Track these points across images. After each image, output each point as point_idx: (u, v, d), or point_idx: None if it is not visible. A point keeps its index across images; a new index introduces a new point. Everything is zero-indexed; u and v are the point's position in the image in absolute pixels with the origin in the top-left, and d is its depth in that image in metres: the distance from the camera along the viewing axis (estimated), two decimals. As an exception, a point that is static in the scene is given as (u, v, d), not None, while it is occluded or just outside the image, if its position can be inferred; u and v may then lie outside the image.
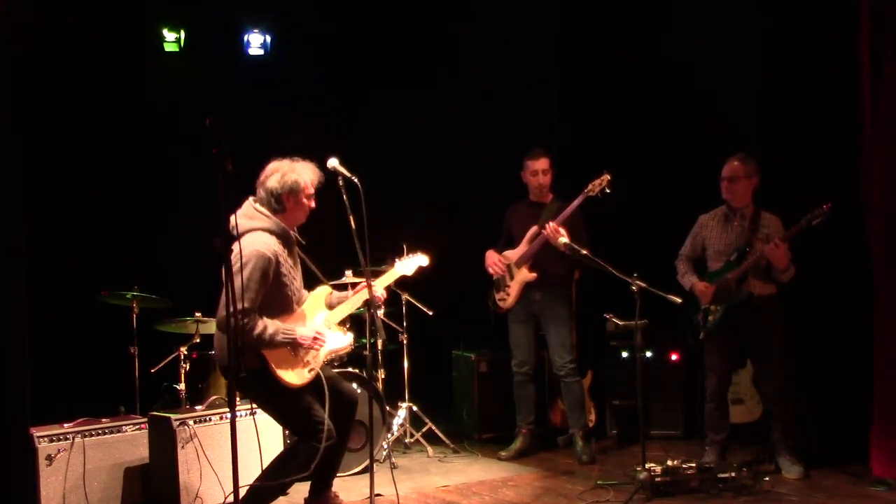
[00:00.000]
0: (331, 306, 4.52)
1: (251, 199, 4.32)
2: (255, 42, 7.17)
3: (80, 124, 6.47)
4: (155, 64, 6.86)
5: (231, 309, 3.54)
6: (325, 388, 4.34)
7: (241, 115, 6.39)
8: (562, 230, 5.57)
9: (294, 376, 4.21)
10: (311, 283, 4.57)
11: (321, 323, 4.42)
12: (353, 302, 4.47)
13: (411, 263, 4.73)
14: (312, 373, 4.28)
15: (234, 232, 4.04)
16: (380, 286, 4.52)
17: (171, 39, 6.89)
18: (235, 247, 4.04)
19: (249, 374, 3.79)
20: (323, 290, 4.53)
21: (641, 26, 6.81)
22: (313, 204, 4.37)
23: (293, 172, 4.29)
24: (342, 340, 4.48)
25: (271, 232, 4.24)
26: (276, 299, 4.24)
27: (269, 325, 4.13)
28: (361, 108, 7.57)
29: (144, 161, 6.72)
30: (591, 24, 7.09)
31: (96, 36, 6.50)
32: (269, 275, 4.15)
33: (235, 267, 3.97)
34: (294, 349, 4.23)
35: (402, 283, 6.13)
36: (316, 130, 6.87)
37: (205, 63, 6.98)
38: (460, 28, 7.33)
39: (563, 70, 7.39)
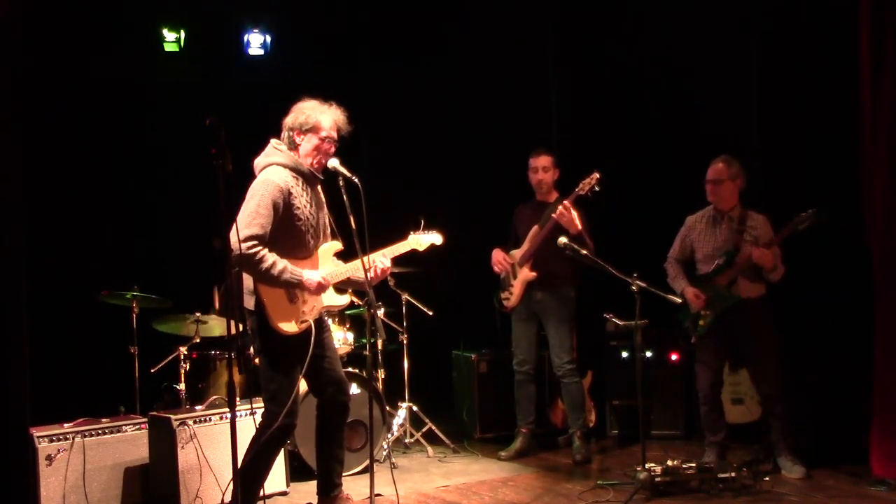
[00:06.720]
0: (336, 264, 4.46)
1: (273, 139, 4.33)
2: (255, 42, 7.18)
3: (79, 124, 6.46)
4: (155, 64, 6.87)
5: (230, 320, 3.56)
6: (324, 380, 4.37)
7: (241, 115, 6.39)
8: (574, 211, 5.53)
9: (287, 325, 4.18)
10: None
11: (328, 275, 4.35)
12: (355, 266, 4.30)
13: (425, 239, 4.65)
14: (304, 324, 4.23)
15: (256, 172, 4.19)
16: (389, 255, 4.44)
17: (171, 39, 6.89)
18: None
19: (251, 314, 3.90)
20: (332, 246, 4.46)
21: (642, 26, 6.81)
22: (332, 150, 4.31)
23: (313, 111, 4.27)
24: (339, 298, 4.48)
25: (284, 166, 4.22)
26: (288, 235, 4.18)
27: (278, 262, 4.08)
28: (362, 107, 7.54)
29: (144, 161, 6.72)
30: (592, 23, 7.09)
31: (96, 35, 6.50)
32: (280, 205, 4.10)
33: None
34: (291, 297, 4.19)
35: (402, 282, 6.18)
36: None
37: (205, 63, 6.98)
38: (460, 27, 7.33)
39: (564, 69, 7.38)
